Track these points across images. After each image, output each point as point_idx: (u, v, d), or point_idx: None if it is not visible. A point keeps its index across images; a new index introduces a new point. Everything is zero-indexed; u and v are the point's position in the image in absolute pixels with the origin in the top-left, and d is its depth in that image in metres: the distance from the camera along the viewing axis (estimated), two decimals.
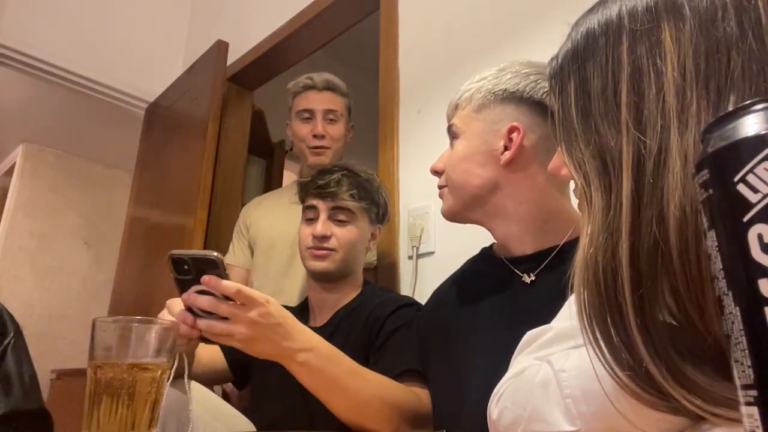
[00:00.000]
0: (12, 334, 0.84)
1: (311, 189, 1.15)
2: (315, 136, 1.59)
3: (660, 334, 0.35)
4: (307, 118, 1.62)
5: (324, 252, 1.12)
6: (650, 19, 0.39)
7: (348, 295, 1.17)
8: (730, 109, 0.33)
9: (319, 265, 1.12)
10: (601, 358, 0.37)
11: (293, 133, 1.66)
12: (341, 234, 1.13)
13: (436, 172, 0.91)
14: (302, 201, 1.20)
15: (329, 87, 1.65)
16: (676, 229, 0.34)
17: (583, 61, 0.43)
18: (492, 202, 0.84)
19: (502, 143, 0.81)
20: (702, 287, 0.33)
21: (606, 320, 0.37)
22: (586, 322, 0.38)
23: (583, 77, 0.43)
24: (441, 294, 0.97)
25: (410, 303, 1.09)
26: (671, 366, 0.34)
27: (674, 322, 0.35)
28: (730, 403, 0.32)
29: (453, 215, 0.89)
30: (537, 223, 0.83)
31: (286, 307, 1.28)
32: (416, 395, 0.90)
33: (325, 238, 1.11)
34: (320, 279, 1.15)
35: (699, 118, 0.35)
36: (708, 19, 0.36)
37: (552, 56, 0.49)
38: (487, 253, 0.94)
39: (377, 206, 1.20)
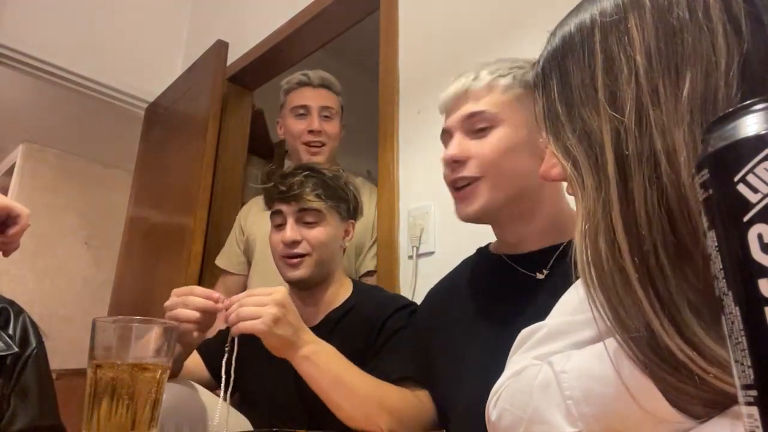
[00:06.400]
0: (34, 346, 0.80)
1: (275, 194, 1.11)
2: (311, 132, 1.57)
3: (664, 290, 0.37)
4: (302, 114, 1.60)
5: (297, 260, 1.08)
6: (617, 11, 0.44)
7: (337, 295, 1.13)
8: (687, 84, 0.39)
9: (295, 274, 1.08)
10: (607, 322, 0.39)
11: (287, 131, 1.63)
12: (312, 236, 1.08)
13: (456, 161, 0.82)
14: (269, 207, 1.15)
15: (325, 84, 1.64)
16: (672, 185, 0.38)
17: (562, 58, 0.48)
18: (531, 198, 0.82)
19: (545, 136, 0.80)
20: (697, 237, 0.36)
21: (609, 284, 0.39)
22: (591, 292, 0.41)
23: (564, 72, 0.47)
24: (439, 295, 0.97)
25: (408, 304, 1.07)
26: (678, 323, 0.36)
27: (674, 278, 0.37)
28: (727, 366, 0.33)
29: (489, 211, 0.81)
30: (551, 221, 0.83)
31: None
32: (418, 398, 0.89)
33: (295, 243, 1.07)
34: (299, 287, 1.11)
35: (666, 95, 0.40)
36: (664, 8, 0.42)
37: (534, 62, 0.54)
38: (485, 253, 0.94)
39: (346, 202, 1.15)
